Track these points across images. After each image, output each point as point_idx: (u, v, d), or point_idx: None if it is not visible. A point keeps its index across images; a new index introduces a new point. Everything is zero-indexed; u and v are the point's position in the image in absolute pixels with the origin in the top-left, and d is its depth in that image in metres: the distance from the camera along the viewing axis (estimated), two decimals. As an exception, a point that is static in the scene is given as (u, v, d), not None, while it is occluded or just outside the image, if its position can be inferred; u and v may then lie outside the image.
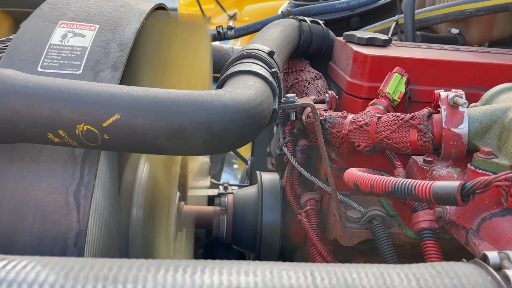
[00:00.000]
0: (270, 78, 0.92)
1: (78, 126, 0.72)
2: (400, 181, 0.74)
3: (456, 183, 0.66)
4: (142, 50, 1.09)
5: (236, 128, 0.78)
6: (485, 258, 0.56)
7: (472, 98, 1.01)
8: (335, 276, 0.52)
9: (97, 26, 0.97)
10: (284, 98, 1.00)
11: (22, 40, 0.91)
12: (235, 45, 2.92)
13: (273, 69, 0.96)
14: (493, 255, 0.56)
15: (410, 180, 0.74)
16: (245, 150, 2.65)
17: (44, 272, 0.49)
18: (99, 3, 1.04)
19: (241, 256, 1.75)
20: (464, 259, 0.59)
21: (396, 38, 1.75)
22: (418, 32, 1.77)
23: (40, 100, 0.72)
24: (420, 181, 0.72)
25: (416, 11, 1.67)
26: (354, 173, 0.87)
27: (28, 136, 0.74)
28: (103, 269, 0.50)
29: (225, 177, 3.30)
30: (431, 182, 0.70)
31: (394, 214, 1.08)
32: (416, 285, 0.52)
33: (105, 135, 0.73)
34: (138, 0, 1.12)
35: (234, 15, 4.71)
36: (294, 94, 1.01)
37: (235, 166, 3.70)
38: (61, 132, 0.73)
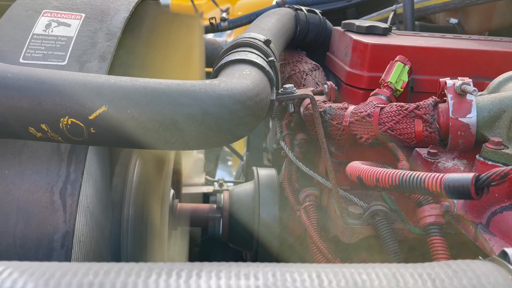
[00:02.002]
0: (267, 68, 0.88)
1: (62, 119, 0.67)
2: (408, 174, 0.70)
3: (470, 175, 0.61)
4: (131, 40, 1.04)
5: (232, 120, 0.73)
6: (504, 255, 0.52)
7: (476, 87, 0.97)
8: (343, 278, 0.48)
9: (83, 15, 0.92)
10: (282, 89, 0.95)
11: (3, 30, 0.86)
12: (229, 39, 2.87)
13: (270, 58, 0.91)
14: (513, 252, 0.52)
15: (419, 172, 0.69)
16: (240, 146, 2.60)
17: (22, 279, 0.44)
18: (86, -9, 0.99)
19: (238, 255, 1.71)
20: (480, 257, 0.55)
21: (395, 29, 1.71)
22: (416, 23, 1.73)
23: (20, 91, 0.66)
24: (429, 174, 0.67)
25: (415, 0, 1.62)
26: (358, 166, 0.82)
27: (8, 130, 0.69)
28: (88, 275, 0.45)
29: (220, 173, 3.25)
30: (442, 174, 0.66)
31: (396, 208, 1.04)
32: (432, 286, 0.48)
33: (92, 128, 0.68)
34: (127, -11, 1.07)
35: (227, 9, 4.65)
36: (292, 85, 0.96)
37: (230, 162, 3.65)
38: (43, 126, 0.68)
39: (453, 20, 1.75)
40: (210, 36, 2.13)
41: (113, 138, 0.70)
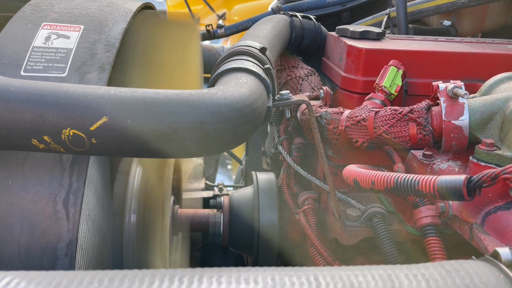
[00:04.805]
0: (263, 75, 0.89)
1: (63, 131, 0.69)
2: (402, 177, 0.72)
3: (462, 177, 0.63)
4: (130, 50, 1.06)
5: (230, 127, 0.75)
6: (496, 255, 0.54)
7: (469, 89, 0.99)
8: (340, 281, 0.50)
9: (82, 27, 0.94)
10: (278, 95, 0.97)
11: (3, 44, 0.88)
12: (226, 45, 2.89)
13: (266, 66, 0.93)
14: (504, 251, 0.53)
15: (413, 175, 0.71)
16: (239, 150, 2.62)
17: (30, 288, 0.45)
18: (84, 3, 1.01)
19: (239, 259, 1.73)
20: (473, 257, 0.57)
21: (389, 32, 1.73)
22: (410, 25, 1.75)
23: (22, 104, 0.68)
24: (423, 176, 0.69)
25: (408, 4, 1.65)
26: (354, 169, 0.84)
27: (11, 143, 0.70)
28: (93, 283, 0.46)
29: (220, 178, 3.27)
30: (435, 176, 0.67)
31: (394, 210, 1.06)
32: (426, 286, 0.49)
33: (93, 139, 0.70)
34: (124, 0, 1.09)
35: (223, 15, 4.68)
36: (289, 91, 0.98)
37: (229, 166, 3.67)
38: (46, 137, 0.69)
39: (447, 22, 1.77)
40: (206, 42, 2.15)
41: (114, 148, 0.72)
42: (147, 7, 1.17)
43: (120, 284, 0.46)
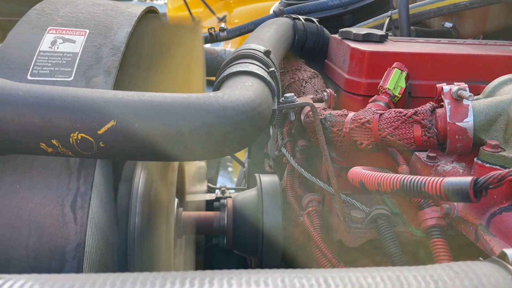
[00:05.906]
0: (268, 78, 0.90)
1: (72, 134, 0.69)
2: (408, 178, 0.72)
3: (468, 179, 0.63)
4: (135, 53, 1.07)
5: (237, 131, 0.75)
6: (503, 256, 0.54)
7: (472, 91, 1.00)
8: (350, 282, 0.50)
9: (88, 31, 0.94)
10: (283, 98, 0.97)
11: (10, 48, 0.88)
12: (227, 47, 2.90)
13: (271, 69, 0.93)
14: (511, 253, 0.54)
15: (419, 176, 0.72)
16: (241, 153, 2.62)
17: (43, 291, 0.46)
18: (89, 8, 1.01)
19: (241, 261, 1.73)
20: (481, 258, 0.57)
21: (390, 34, 1.74)
22: (412, 27, 1.75)
23: (31, 109, 0.69)
24: (429, 178, 0.70)
25: (409, 6, 1.65)
26: (360, 171, 0.84)
27: (19, 146, 0.71)
28: (105, 285, 0.47)
29: (221, 180, 3.27)
30: (441, 178, 0.68)
31: (398, 212, 1.06)
32: None
33: (101, 143, 0.70)
34: (129, 4, 1.10)
35: (224, 17, 4.70)
36: (293, 94, 0.98)
37: (230, 169, 3.68)
38: (54, 141, 0.70)
39: (448, 24, 1.78)
40: (207, 45, 2.16)
41: (121, 152, 0.72)
42: (151, 11, 1.17)
43: (132, 286, 0.47)
